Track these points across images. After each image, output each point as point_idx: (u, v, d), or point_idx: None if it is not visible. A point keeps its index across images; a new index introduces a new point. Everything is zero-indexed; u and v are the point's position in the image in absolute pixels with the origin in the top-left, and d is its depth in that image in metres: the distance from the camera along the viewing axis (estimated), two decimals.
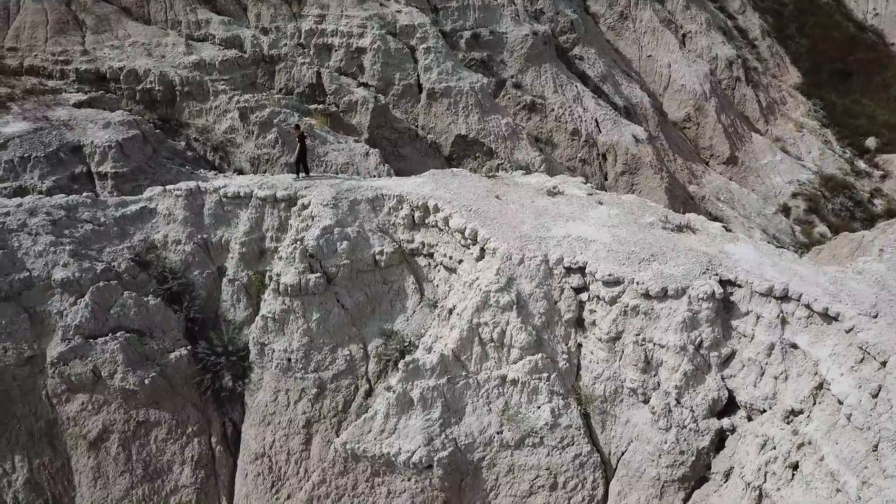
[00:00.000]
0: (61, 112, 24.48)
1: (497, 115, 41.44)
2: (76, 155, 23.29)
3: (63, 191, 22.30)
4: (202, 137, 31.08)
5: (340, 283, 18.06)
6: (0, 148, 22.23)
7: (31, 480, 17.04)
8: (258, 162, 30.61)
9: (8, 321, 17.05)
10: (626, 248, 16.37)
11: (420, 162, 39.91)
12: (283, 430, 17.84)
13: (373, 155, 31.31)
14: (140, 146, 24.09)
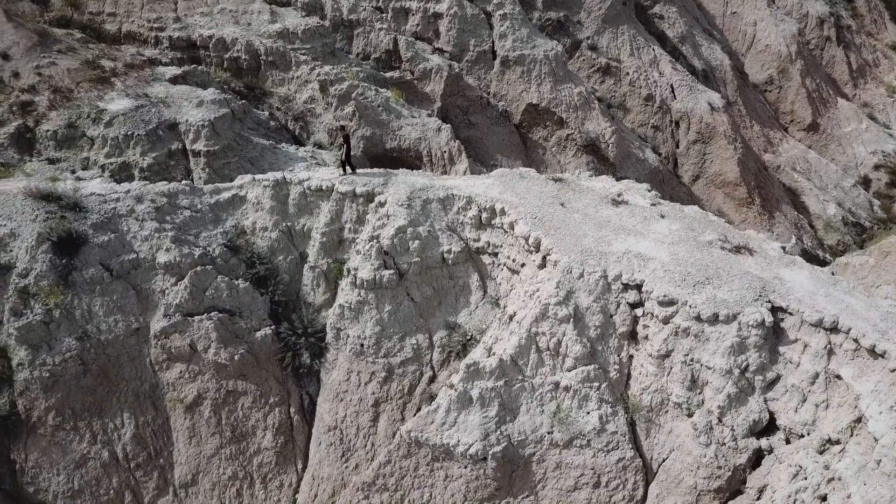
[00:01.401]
0: (159, 89, 26.22)
1: (570, 83, 41.37)
2: (173, 132, 25.11)
3: (161, 167, 24.30)
4: (284, 107, 32.58)
5: (411, 279, 19.53)
6: (107, 126, 24.22)
7: (136, 435, 19.55)
8: (336, 133, 31.95)
9: (118, 297, 19.27)
10: (682, 268, 17.18)
11: (490, 130, 40.61)
12: (353, 407, 19.77)
13: (444, 130, 32.21)
14: (229, 124, 25.70)
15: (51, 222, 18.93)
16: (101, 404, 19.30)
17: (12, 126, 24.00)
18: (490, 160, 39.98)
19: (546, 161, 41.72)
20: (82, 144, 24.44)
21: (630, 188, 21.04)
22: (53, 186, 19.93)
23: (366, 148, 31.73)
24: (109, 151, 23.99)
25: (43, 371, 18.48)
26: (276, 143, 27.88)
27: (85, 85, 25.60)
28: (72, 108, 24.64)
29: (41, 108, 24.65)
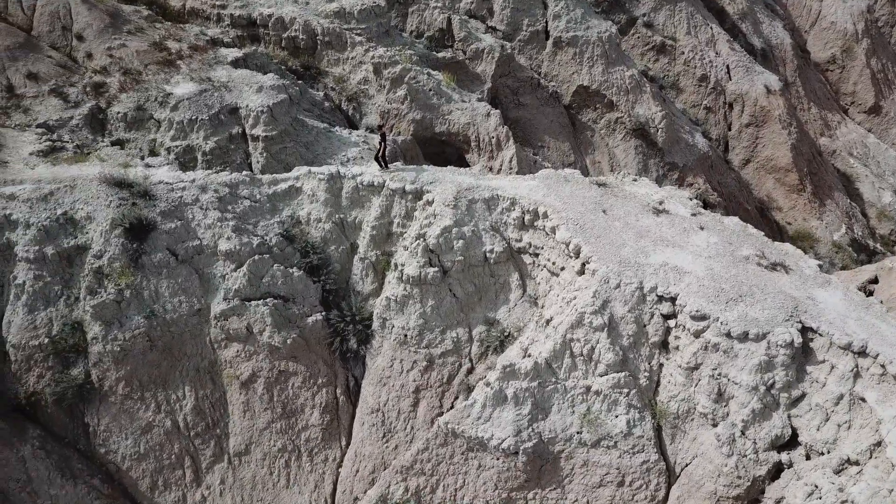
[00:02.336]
0: (221, 72, 27.34)
1: (622, 65, 41.17)
2: (233, 116, 26.31)
3: (222, 150, 25.58)
4: (338, 87, 33.47)
5: (454, 276, 20.52)
6: (172, 109, 25.52)
7: (196, 407, 21.27)
8: (387, 116, 32.79)
9: (182, 280, 20.78)
10: (717, 284, 17.76)
11: (539, 111, 40.85)
12: (395, 392, 21.08)
13: (493, 116, 32.70)
14: (287, 109, 26.74)
15: (123, 209, 20.42)
16: (165, 377, 21.02)
17: (86, 107, 25.49)
18: (538, 142, 40.37)
19: (594, 144, 41.91)
20: (150, 126, 25.85)
21: (672, 196, 21.47)
22: (125, 173, 21.38)
23: (415, 131, 32.50)
24: (175, 135, 25.34)
25: (114, 345, 20.21)
26: (330, 127, 28.87)
27: (153, 67, 26.87)
28: (140, 91, 25.99)
29: (112, 90, 26.06)
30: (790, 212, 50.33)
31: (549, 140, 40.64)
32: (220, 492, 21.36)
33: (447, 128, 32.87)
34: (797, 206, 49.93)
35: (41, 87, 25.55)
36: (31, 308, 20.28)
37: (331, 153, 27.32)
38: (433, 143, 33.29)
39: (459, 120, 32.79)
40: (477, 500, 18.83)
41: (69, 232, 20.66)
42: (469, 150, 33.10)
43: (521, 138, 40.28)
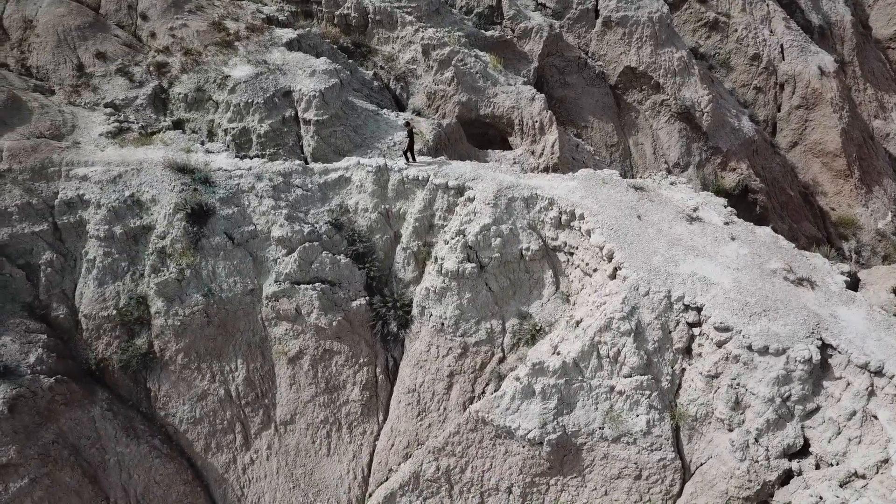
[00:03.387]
0: (276, 55, 28.33)
1: (671, 47, 40.88)
2: (287, 99, 27.37)
3: (275, 133, 26.76)
4: (387, 66, 34.21)
5: (490, 271, 21.63)
6: (230, 92, 26.71)
7: (247, 378, 23.05)
8: (434, 97, 33.51)
9: (238, 262, 22.31)
10: (742, 297, 18.53)
11: (584, 91, 41.03)
12: (431, 375, 22.51)
13: (538, 100, 33.15)
14: (338, 93, 27.69)
15: (185, 194, 21.90)
16: (219, 350, 22.79)
17: (149, 87, 26.85)
18: (581, 122, 40.68)
19: (638, 125, 42.00)
20: (208, 107, 27.12)
21: (707, 202, 22.04)
22: (188, 158, 22.79)
23: (460, 113, 33.18)
24: (232, 117, 26.58)
25: (175, 320, 21.97)
26: (378, 109, 29.75)
27: (212, 48, 27.99)
28: (200, 73, 27.20)
29: (174, 71, 27.32)
30: (835, 197, 49.78)
31: (593, 120, 40.88)
32: (267, 456, 23.27)
33: (491, 110, 33.46)
34: (843, 192, 49.35)
35: (108, 67, 26.95)
36: (101, 282, 22.09)
37: (378, 136, 28.29)
38: (477, 124, 33.96)
39: (504, 103, 33.33)
40: (502, 482, 20.31)
41: (135, 213, 22.27)
42: (512, 132, 33.71)
43: (565, 118, 40.63)
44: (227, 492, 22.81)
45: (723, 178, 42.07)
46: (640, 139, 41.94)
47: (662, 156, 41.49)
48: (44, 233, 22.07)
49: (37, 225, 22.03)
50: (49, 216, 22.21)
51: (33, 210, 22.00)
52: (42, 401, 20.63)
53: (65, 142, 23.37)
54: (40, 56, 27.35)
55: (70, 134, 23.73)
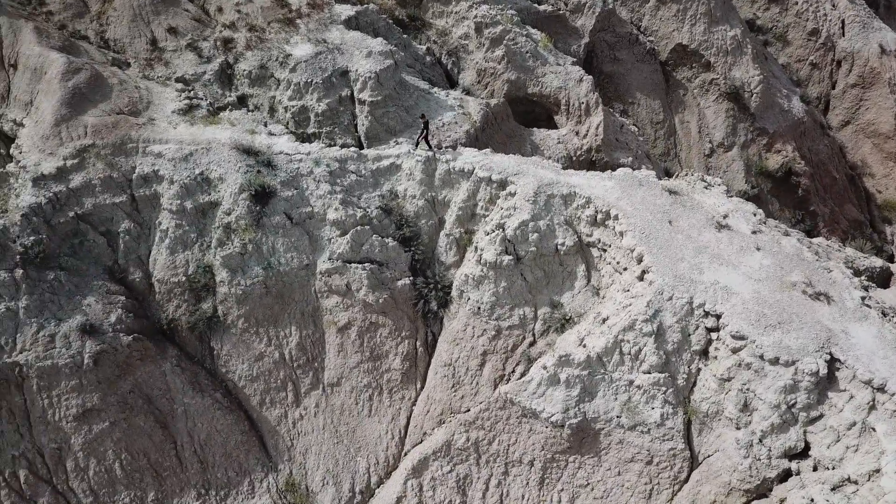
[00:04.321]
0: (335, 34, 29.60)
1: (726, 24, 40.71)
2: (344, 78, 28.81)
3: (332, 112, 28.32)
4: (440, 40, 35.16)
5: (526, 263, 23.26)
6: (291, 71, 28.24)
7: (300, 343, 25.39)
8: (484, 74, 34.48)
9: (295, 239, 24.34)
10: (760, 308, 19.88)
11: (633, 67, 41.36)
12: (465, 352, 24.52)
13: (586, 82, 33.84)
14: (392, 74, 28.98)
15: (250, 175, 23.84)
16: (276, 317, 25.10)
17: (216, 63, 28.53)
18: (629, 98, 41.21)
19: (685, 103, 42.27)
20: (270, 84, 28.76)
21: (737, 209, 23.08)
22: (252, 140, 24.65)
23: (508, 91, 34.16)
24: (292, 95, 28.20)
25: (237, 289, 24.27)
26: (429, 88, 30.97)
27: (275, 26, 29.38)
28: (263, 50, 28.72)
29: (239, 47, 28.88)
30: (883, 179, 49.50)
31: (641, 97, 41.32)
32: (315, 413, 25.82)
33: (539, 89, 34.32)
34: (891, 175, 49.02)
35: (179, 42, 28.63)
36: (172, 250, 24.41)
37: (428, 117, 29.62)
38: (524, 102, 34.90)
39: (552, 83, 34.13)
40: (525, 456, 22.47)
41: (204, 189, 24.35)
42: (558, 112, 34.59)
43: (613, 94, 41.17)
44: (278, 442, 25.50)
45: (767, 160, 42.36)
46: (686, 117, 42.26)
47: (707, 135, 41.87)
48: (123, 204, 24.35)
49: (117, 196, 24.29)
50: (127, 189, 24.43)
51: (114, 183, 24.23)
52: (121, 356, 23.33)
53: (141, 118, 25.36)
54: (117, 29, 29.17)
55: (146, 110, 25.69)
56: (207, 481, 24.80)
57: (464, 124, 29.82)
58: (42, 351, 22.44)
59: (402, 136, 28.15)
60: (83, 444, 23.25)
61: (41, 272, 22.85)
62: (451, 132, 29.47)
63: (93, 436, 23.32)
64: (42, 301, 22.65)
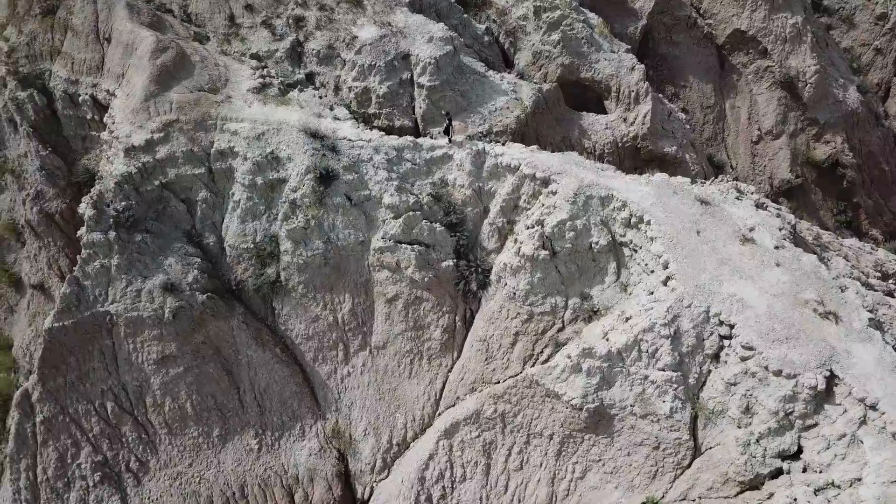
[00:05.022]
0: (399, 17, 31.17)
1: (787, 12, 40.73)
2: (405, 62, 30.57)
3: (392, 94, 30.25)
4: (499, 20, 36.34)
5: (561, 257, 25.35)
6: (356, 53, 30.11)
7: (352, 310, 28.19)
8: (539, 56, 35.68)
9: (353, 218, 26.81)
10: (771, 323, 21.73)
11: (689, 50, 41.88)
12: (499, 331, 27.01)
13: (637, 71, 34.83)
14: (450, 60, 30.60)
15: (315, 158, 26.20)
16: (332, 285, 27.86)
17: (288, 42, 30.52)
18: (681, 81, 41.88)
19: (738, 88, 42.74)
20: (336, 63, 30.72)
21: (764, 223, 24.55)
22: (318, 124, 26.88)
23: (561, 75, 35.42)
24: (356, 76, 30.16)
25: (299, 259, 27.01)
26: (484, 72, 32.50)
27: (343, 6, 31.09)
28: (331, 31, 30.57)
29: (309, 26, 30.76)
30: None
31: (693, 80, 41.91)
32: (361, 371, 28.85)
33: (592, 75, 35.46)
34: None
35: (255, 19, 30.60)
36: (243, 220, 27.17)
37: (482, 101, 31.36)
38: (576, 86, 36.12)
39: (605, 70, 35.21)
40: (546, 430, 25.14)
41: (274, 167, 26.83)
42: (608, 97, 35.78)
43: (666, 76, 41.87)
44: (327, 395, 28.72)
45: (814, 150, 42.90)
46: (738, 102, 42.78)
47: (756, 122, 42.45)
48: (201, 175, 27.06)
49: (196, 168, 26.98)
50: (206, 161, 27.08)
51: (194, 156, 26.88)
52: (196, 311, 26.51)
53: (219, 95, 27.74)
54: (199, 4, 31.25)
55: (224, 87, 28.04)
56: (264, 423, 28.26)
57: (515, 109, 31.47)
58: (130, 303, 25.73)
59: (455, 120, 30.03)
60: (160, 384, 26.79)
61: (130, 234, 25.90)
62: (502, 117, 31.22)
63: (169, 378, 26.81)
64: (130, 260, 25.78)
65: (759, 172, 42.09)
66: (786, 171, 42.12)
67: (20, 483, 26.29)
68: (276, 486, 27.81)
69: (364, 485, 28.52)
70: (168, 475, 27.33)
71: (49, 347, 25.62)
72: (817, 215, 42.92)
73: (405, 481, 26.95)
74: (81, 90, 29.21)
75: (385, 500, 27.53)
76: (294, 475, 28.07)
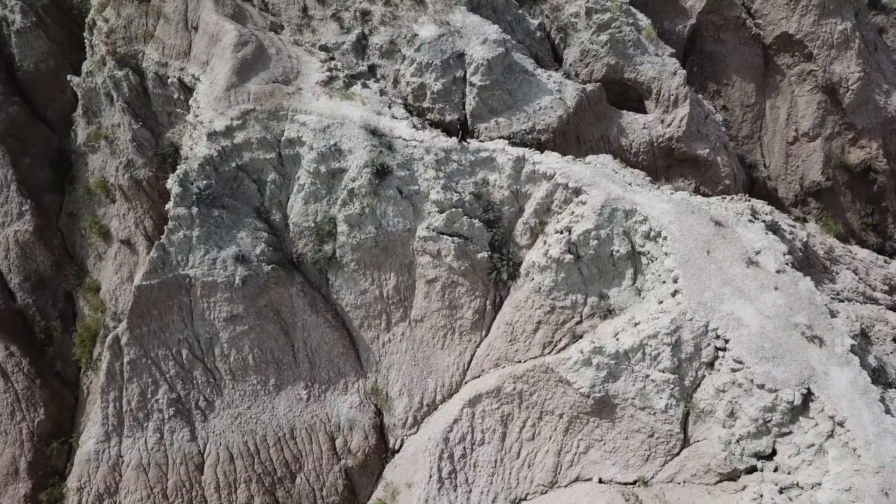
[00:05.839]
0: (457, 16, 33.52)
1: (836, 18, 41.62)
2: (459, 60, 33.13)
3: (446, 91, 32.98)
4: (552, 15, 38.31)
5: (584, 261, 28.45)
6: (416, 50, 32.75)
7: (395, 286, 31.88)
8: (586, 55, 37.71)
9: (402, 208, 30.16)
10: (761, 342, 24.74)
11: (735, 49, 43.23)
12: (524, 318, 30.47)
13: (679, 76, 36.72)
14: (501, 61, 33.03)
15: (373, 154, 29.41)
16: (380, 264, 31.50)
17: (354, 35, 33.25)
18: (724, 79, 43.44)
19: (780, 89, 44.07)
20: (397, 58, 33.44)
21: (770, 247, 27.13)
22: (378, 122, 29.95)
23: (606, 74, 37.51)
24: (413, 72, 32.91)
25: (353, 239, 30.63)
26: (532, 70, 34.85)
27: (406, 3, 33.51)
28: (394, 27, 33.16)
29: (374, 21, 33.38)
30: None
31: (736, 79, 43.38)
32: (400, 340, 32.75)
33: (635, 76, 37.45)
34: None
35: (325, 11, 33.28)
36: (306, 201, 30.74)
37: (528, 100, 33.91)
38: (619, 84, 38.18)
39: (648, 72, 37.16)
40: (556, 409, 28.84)
41: (336, 157, 30.15)
42: (649, 98, 37.82)
43: (710, 73, 43.40)
44: (369, 357, 32.80)
45: (848, 154, 44.30)
46: (778, 103, 44.15)
47: (794, 123, 43.91)
48: (272, 159, 30.55)
49: (268, 153, 30.46)
50: (276, 147, 30.52)
51: (266, 142, 30.33)
52: (261, 279, 30.51)
53: (291, 87, 30.90)
54: None
55: (295, 79, 31.16)
56: (313, 377, 32.57)
57: (558, 109, 34.00)
58: (206, 269, 29.83)
59: (501, 117, 32.86)
60: (228, 338, 31.11)
61: (209, 209, 29.74)
62: (545, 116, 33.83)
63: (235, 333, 31.10)
64: (208, 232, 29.72)
65: (790, 172, 43.84)
66: (817, 174, 43.70)
67: (108, 411, 31.22)
68: (321, 431, 32.31)
69: (396, 437, 32.86)
70: (230, 414, 31.98)
71: (137, 301, 30.02)
72: (844, 217, 44.67)
73: (431, 439, 31.11)
74: (170, 72, 32.63)
75: (413, 453, 31.86)
76: (336, 424, 32.50)
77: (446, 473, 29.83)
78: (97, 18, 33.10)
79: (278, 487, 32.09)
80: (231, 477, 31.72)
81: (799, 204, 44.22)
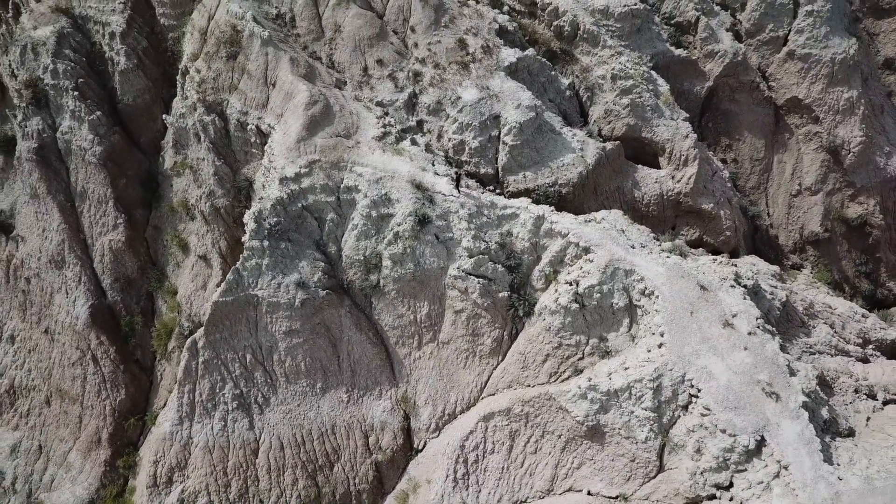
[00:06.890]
0: (496, 81, 38.60)
1: (844, 87, 45.66)
2: (495, 121, 38.31)
3: (482, 147, 38.23)
4: (581, 75, 43.12)
5: (588, 309, 33.75)
6: (459, 111, 37.98)
7: (427, 314, 37.44)
8: (609, 114, 42.53)
9: (438, 250, 35.70)
10: (726, 394, 29.89)
11: (748, 109, 47.54)
12: (535, 349, 35.95)
13: (690, 139, 41.38)
14: (531, 124, 38.13)
15: (417, 206, 34.91)
16: (415, 294, 37.17)
17: (406, 93, 38.55)
18: (736, 135, 47.84)
19: (788, 146, 48.35)
20: (441, 116, 38.71)
21: (745, 312, 32.09)
22: (422, 178, 35.39)
23: (625, 132, 42.33)
24: (455, 129, 38.19)
25: (395, 273, 36.32)
26: (559, 129, 39.86)
27: (453, 66, 38.65)
28: (441, 89, 38.38)
29: (424, 82, 38.61)
30: None
31: (748, 135, 47.75)
32: (429, 357, 38.50)
33: (651, 136, 42.20)
34: None
35: (383, 71, 38.56)
36: (358, 238, 36.44)
37: (553, 157, 39.01)
38: (637, 142, 42.96)
39: (663, 134, 41.88)
40: (556, 430, 34.37)
41: (385, 204, 35.71)
42: (662, 155, 42.57)
43: (723, 128, 47.84)
44: (402, 370, 38.64)
45: (847, 208, 48.53)
46: (785, 158, 48.44)
47: (798, 178, 48.21)
48: (331, 202, 36.25)
49: (328, 197, 36.14)
50: (336, 192, 36.18)
51: (328, 188, 36.00)
52: (316, 302, 36.41)
53: (351, 140, 36.44)
54: (341, 55, 39.37)
55: (354, 134, 36.66)
56: (354, 384, 38.54)
57: (579, 166, 39.06)
58: (272, 292, 35.80)
59: (528, 171, 38.00)
60: (285, 347, 37.16)
61: (277, 242, 35.61)
62: (567, 171, 38.91)
63: (291, 344, 37.13)
64: (276, 261, 35.63)
65: (791, 222, 48.25)
66: (816, 225, 47.99)
67: (183, 400, 37.61)
68: (357, 430, 38.36)
69: (420, 439, 38.79)
70: (283, 410, 38.17)
71: (214, 313, 36.16)
72: (839, 265, 49.00)
73: (450, 444, 36.95)
74: (250, 120, 38.34)
75: (433, 454, 37.79)
76: (370, 424, 38.51)
77: (461, 474, 35.67)
78: (190, 67, 38.91)
79: (319, 474, 38.29)
80: (280, 462, 37.96)
81: (797, 251, 48.66)
